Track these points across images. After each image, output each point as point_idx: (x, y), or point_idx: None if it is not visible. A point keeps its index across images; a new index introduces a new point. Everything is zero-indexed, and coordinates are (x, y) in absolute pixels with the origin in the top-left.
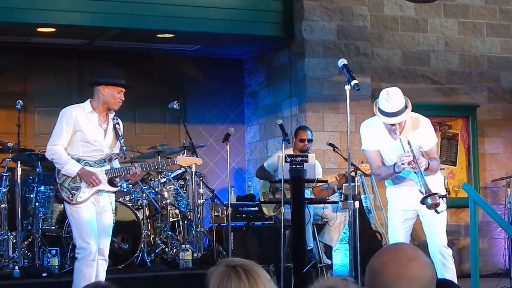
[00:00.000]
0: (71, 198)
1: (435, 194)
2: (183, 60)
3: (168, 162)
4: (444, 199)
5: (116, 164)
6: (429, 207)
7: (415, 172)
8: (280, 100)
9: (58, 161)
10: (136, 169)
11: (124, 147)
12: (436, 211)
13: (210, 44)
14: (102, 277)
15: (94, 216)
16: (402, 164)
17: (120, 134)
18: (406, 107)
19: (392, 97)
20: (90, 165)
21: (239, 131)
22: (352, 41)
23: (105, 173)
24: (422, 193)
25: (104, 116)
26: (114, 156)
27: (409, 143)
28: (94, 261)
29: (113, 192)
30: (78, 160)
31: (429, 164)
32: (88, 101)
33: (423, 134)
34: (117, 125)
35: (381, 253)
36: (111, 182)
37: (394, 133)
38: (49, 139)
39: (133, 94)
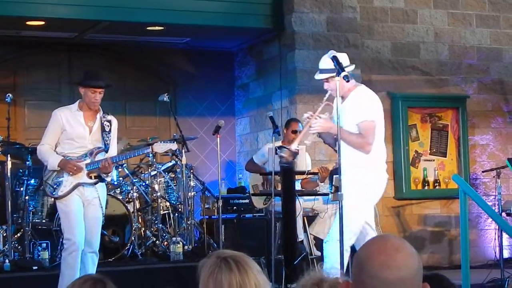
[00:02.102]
0: (53, 193)
1: (288, 149)
2: (173, 52)
3: (144, 150)
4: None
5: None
6: (280, 157)
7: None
8: (270, 92)
9: (43, 158)
10: (106, 162)
11: (107, 142)
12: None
13: (200, 36)
14: (91, 271)
15: (80, 209)
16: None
17: (106, 130)
18: (334, 71)
19: (326, 56)
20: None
21: (229, 123)
22: (342, 33)
23: (85, 167)
24: None
25: (91, 114)
26: (96, 150)
27: (326, 106)
28: (77, 252)
29: (93, 184)
30: (63, 157)
31: (341, 133)
32: (78, 101)
33: (353, 106)
34: (106, 123)
35: (367, 244)
36: (95, 176)
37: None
38: None
39: (123, 87)
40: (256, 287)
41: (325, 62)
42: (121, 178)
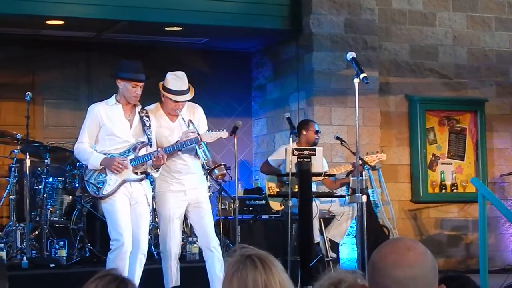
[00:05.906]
0: (97, 193)
1: (221, 165)
2: (190, 53)
3: (193, 141)
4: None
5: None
6: (217, 177)
7: (199, 148)
8: (287, 93)
9: (82, 157)
10: (158, 153)
11: (150, 136)
12: (224, 181)
13: (217, 37)
14: (138, 274)
15: (127, 208)
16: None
17: (147, 125)
18: (189, 89)
19: (180, 78)
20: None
21: (246, 124)
22: (360, 34)
23: (130, 163)
24: (208, 166)
25: (129, 108)
26: (139, 145)
27: (191, 121)
28: (126, 253)
29: (140, 180)
30: (104, 155)
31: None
32: (114, 95)
33: (199, 119)
34: (145, 118)
35: (381, 246)
36: (141, 172)
37: (176, 112)
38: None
39: None
40: (281, 285)
41: (185, 82)
42: None
